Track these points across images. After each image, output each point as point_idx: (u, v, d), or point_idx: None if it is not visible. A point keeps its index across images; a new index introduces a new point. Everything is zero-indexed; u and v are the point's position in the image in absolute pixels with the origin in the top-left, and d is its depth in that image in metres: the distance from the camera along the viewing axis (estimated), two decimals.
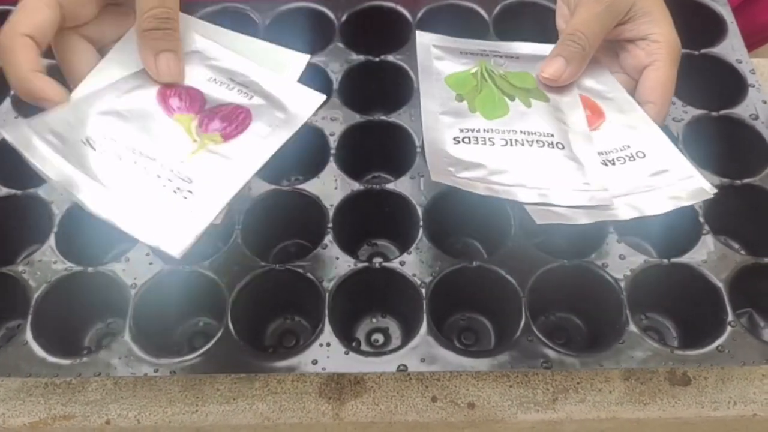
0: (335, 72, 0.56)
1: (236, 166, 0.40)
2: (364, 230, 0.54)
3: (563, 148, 0.43)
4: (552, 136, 0.43)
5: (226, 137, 0.41)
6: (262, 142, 0.42)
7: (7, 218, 0.51)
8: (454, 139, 0.43)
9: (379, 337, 0.50)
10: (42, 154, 0.38)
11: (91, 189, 0.37)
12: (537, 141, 0.43)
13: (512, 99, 0.46)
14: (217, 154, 0.40)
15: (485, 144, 0.43)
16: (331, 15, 0.60)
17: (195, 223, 0.38)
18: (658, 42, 0.45)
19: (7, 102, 0.56)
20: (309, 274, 0.46)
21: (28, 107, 0.55)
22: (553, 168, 0.42)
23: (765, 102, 0.55)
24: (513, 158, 0.43)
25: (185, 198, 0.38)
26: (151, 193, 0.38)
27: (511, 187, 0.42)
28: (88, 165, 0.38)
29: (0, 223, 0.51)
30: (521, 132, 0.44)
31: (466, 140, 0.43)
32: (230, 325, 0.44)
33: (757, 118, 0.54)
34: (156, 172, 0.39)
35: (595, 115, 0.46)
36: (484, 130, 0.44)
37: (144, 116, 0.41)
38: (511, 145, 0.43)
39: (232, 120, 0.42)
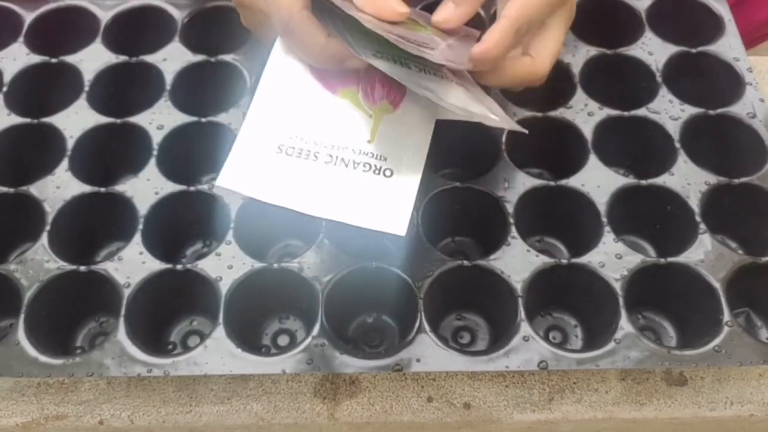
0: None
1: (416, 131, 0.39)
2: None
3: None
4: None
5: (395, 104, 0.40)
6: (424, 101, 0.40)
7: None
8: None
9: (374, 337, 0.50)
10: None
11: (304, 195, 0.37)
12: None
13: None
14: (394, 123, 0.39)
15: None
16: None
17: (406, 197, 0.37)
18: None
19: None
20: (304, 274, 0.46)
21: (18, 103, 0.55)
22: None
23: (762, 100, 0.55)
24: None
25: (386, 176, 0.38)
26: (354, 182, 0.38)
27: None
28: (289, 173, 0.38)
29: None
30: None
31: None
32: (224, 325, 0.44)
33: (754, 116, 0.54)
34: (351, 159, 0.38)
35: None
36: None
37: (311, 100, 0.39)
38: None
39: (391, 83, 0.40)
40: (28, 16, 0.60)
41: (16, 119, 0.54)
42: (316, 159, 0.38)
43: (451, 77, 0.41)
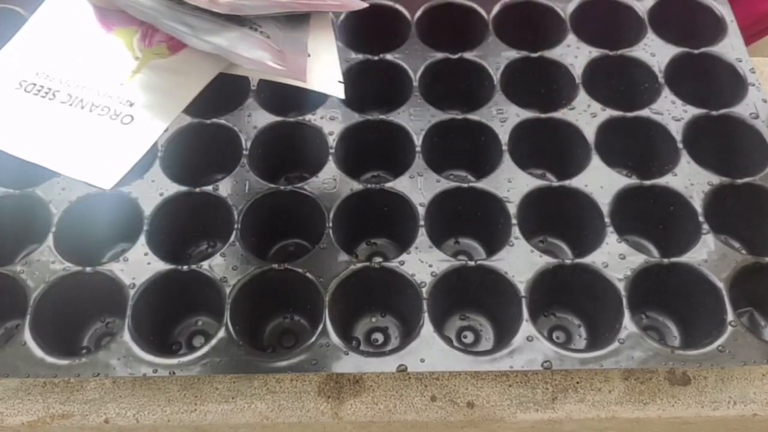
0: None
1: (185, 80, 0.36)
2: (363, 229, 0.54)
3: (269, 38, 0.38)
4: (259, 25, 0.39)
5: (173, 49, 0.38)
6: (212, 56, 0.38)
7: (5, 218, 0.51)
8: None
9: (378, 337, 0.50)
10: None
11: (16, 134, 0.34)
12: None
13: None
14: (161, 70, 0.37)
15: None
16: (330, 14, 0.60)
17: (134, 149, 0.35)
18: None
19: None
20: (308, 274, 0.46)
21: None
22: (247, 40, 0.38)
23: (765, 101, 0.55)
24: None
25: (124, 123, 0.36)
26: (83, 125, 0.35)
27: (186, 34, 0.36)
28: (18, 110, 0.35)
29: None
30: None
31: None
32: (229, 325, 0.44)
33: (757, 117, 0.54)
34: (91, 101, 0.36)
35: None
36: None
37: (81, 38, 0.37)
38: None
39: None
40: None
41: None
42: (53, 98, 0.36)
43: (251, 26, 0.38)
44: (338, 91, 0.40)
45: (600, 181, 0.51)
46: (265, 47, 0.39)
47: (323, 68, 0.40)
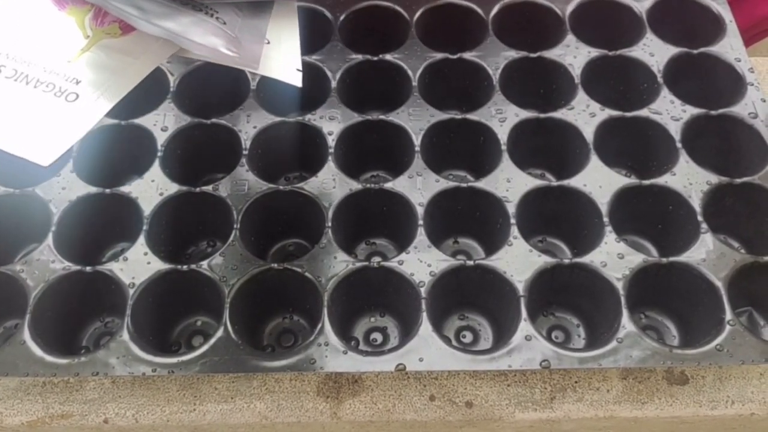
0: (333, 71, 0.56)
1: (135, 61, 0.36)
2: (363, 229, 0.54)
3: (224, 24, 0.38)
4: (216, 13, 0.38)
5: (126, 29, 0.37)
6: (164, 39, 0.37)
7: (4, 217, 0.51)
8: None
9: (377, 337, 0.50)
10: None
11: None
12: None
13: None
14: (111, 50, 0.36)
15: None
16: (329, 15, 0.60)
17: (77, 127, 0.35)
18: None
19: None
20: (307, 274, 0.46)
21: None
22: (202, 26, 0.38)
23: (764, 100, 0.55)
24: None
25: (69, 101, 0.35)
26: (26, 101, 0.35)
27: (136, 18, 0.36)
28: None
29: None
30: None
31: None
32: (228, 325, 0.44)
33: (756, 116, 0.54)
34: (36, 77, 0.35)
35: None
36: None
37: (33, 14, 0.36)
38: None
39: None
40: None
41: None
42: None
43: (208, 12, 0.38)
44: (295, 79, 0.40)
45: (599, 181, 0.51)
46: (219, 33, 0.39)
47: (282, 56, 0.40)
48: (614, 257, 0.47)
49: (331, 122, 0.54)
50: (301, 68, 0.40)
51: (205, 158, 0.55)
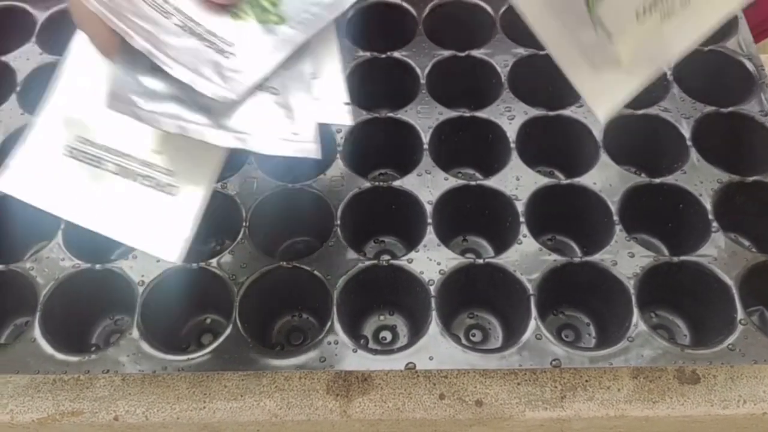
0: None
1: (214, 148, 0.35)
2: (371, 227, 0.54)
3: (277, 93, 0.37)
4: (267, 80, 0.37)
5: None
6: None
7: (14, 215, 0.51)
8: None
9: (386, 335, 0.50)
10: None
11: (83, 207, 0.36)
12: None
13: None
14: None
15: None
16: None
17: (184, 219, 0.35)
18: None
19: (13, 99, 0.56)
20: (316, 272, 0.46)
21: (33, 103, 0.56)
22: (259, 112, 0.36)
23: None
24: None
25: (169, 194, 0.36)
26: (137, 196, 0.35)
27: (204, 127, 0.34)
28: (73, 180, 0.36)
29: (7, 220, 0.51)
30: None
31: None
32: (238, 323, 0.44)
33: (766, 114, 0.54)
34: (135, 169, 0.36)
35: None
36: None
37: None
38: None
39: None
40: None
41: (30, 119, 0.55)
42: (101, 167, 0.36)
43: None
44: (345, 117, 0.38)
45: (609, 179, 0.51)
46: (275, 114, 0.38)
47: (328, 93, 0.38)
48: (625, 256, 0.47)
49: None
50: (348, 101, 0.38)
51: None
